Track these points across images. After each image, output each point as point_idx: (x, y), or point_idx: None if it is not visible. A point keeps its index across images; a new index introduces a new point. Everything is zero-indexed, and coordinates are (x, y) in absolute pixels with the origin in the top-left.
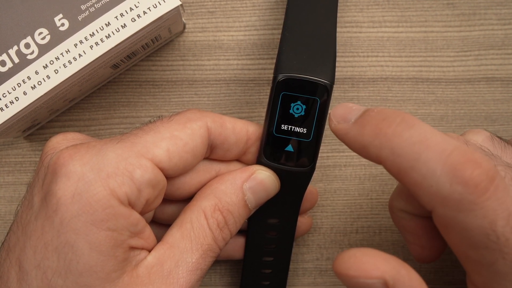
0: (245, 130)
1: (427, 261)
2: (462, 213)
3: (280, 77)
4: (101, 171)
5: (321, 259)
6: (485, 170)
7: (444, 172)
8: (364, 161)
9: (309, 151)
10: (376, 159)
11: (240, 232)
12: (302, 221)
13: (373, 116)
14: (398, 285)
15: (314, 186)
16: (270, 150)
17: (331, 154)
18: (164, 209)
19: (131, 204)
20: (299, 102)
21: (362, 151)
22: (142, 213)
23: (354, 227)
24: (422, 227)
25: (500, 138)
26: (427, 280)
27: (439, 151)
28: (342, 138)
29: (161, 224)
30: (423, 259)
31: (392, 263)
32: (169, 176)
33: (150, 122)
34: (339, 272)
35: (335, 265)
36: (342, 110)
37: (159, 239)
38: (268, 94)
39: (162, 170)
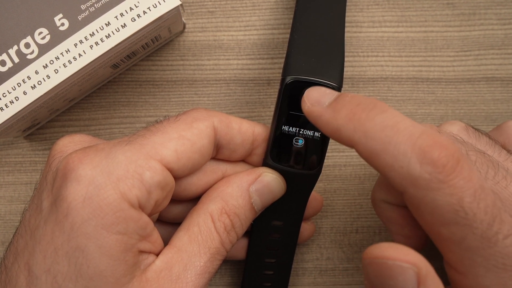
0: (251, 131)
1: None
2: (432, 192)
3: (288, 79)
4: (111, 175)
5: (321, 259)
6: (451, 151)
7: (414, 153)
8: (364, 161)
9: (315, 153)
10: (349, 142)
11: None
12: (305, 227)
13: (347, 101)
14: (429, 278)
15: (320, 194)
16: (277, 152)
17: (331, 154)
18: (170, 209)
19: (141, 207)
20: None
21: (335, 134)
22: (150, 214)
23: (354, 227)
24: (404, 216)
25: (474, 128)
26: None
27: (409, 134)
28: (315, 120)
29: (166, 223)
30: None
31: (424, 259)
32: (177, 177)
33: (156, 122)
34: (374, 255)
35: (369, 251)
36: (316, 93)
37: (164, 238)
38: (270, 94)
39: (170, 171)
